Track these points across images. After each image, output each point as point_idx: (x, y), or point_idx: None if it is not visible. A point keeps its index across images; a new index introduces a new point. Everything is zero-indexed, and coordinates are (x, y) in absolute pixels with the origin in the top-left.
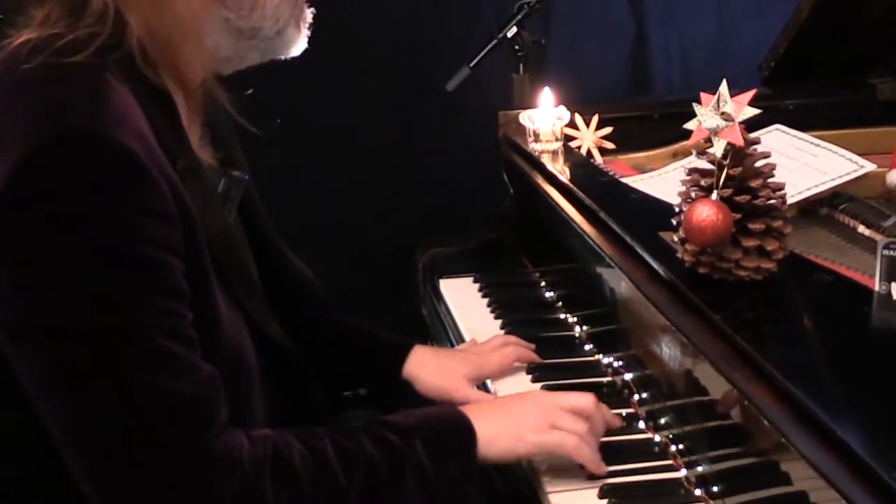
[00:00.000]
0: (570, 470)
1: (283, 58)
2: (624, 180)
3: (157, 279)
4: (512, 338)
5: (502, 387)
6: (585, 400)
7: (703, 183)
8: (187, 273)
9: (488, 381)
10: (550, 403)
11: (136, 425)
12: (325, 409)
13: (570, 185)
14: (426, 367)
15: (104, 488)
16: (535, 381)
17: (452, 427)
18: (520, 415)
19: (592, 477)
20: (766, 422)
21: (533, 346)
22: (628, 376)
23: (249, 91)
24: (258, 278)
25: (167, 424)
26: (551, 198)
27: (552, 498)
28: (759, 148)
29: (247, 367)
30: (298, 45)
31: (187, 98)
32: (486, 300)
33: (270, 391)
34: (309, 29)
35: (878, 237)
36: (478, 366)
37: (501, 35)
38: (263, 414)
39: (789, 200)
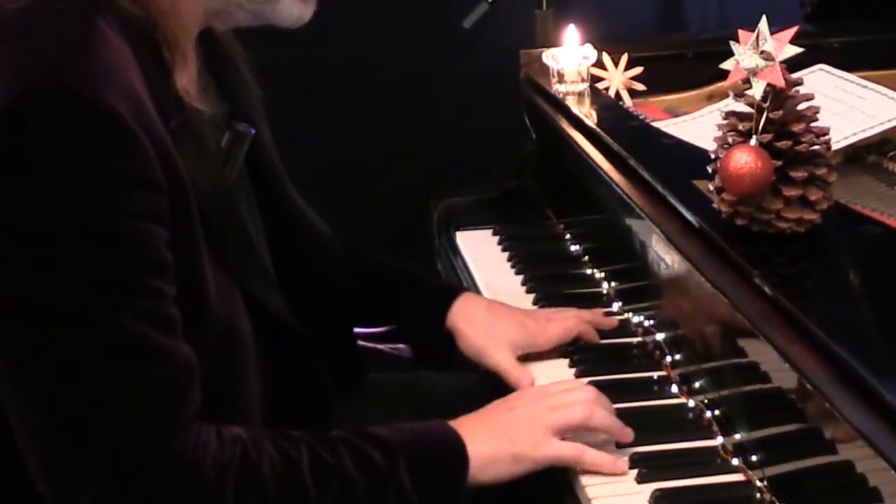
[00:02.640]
0: (598, 443)
1: (283, 25)
2: (655, 124)
3: (136, 254)
4: (586, 314)
5: (533, 367)
6: (581, 395)
7: (740, 127)
8: (172, 241)
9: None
10: (543, 408)
11: (93, 414)
12: (332, 393)
13: (598, 129)
14: (471, 321)
15: (52, 479)
16: (571, 366)
17: (442, 450)
18: (515, 431)
19: (620, 446)
20: (808, 385)
21: (614, 321)
22: (660, 336)
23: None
24: (264, 243)
25: (128, 416)
26: (577, 143)
27: (579, 471)
28: (802, 90)
29: (240, 341)
30: (295, 16)
31: (184, 48)
32: (506, 254)
33: (267, 369)
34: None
35: None
36: (531, 333)
37: None
38: (259, 395)
39: (834, 146)
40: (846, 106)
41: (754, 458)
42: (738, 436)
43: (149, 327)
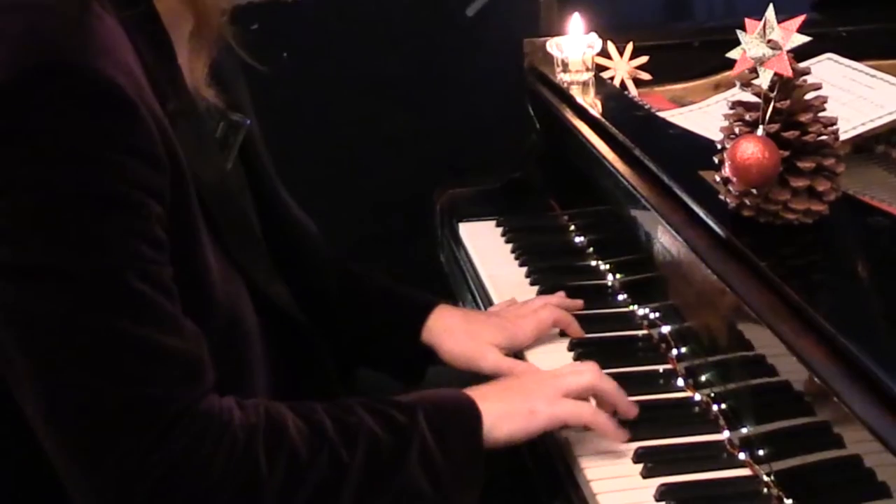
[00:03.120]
0: (603, 440)
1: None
2: (661, 114)
3: (134, 221)
4: (553, 297)
5: (538, 360)
6: (588, 366)
7: (747, 117)
8: (171, 224)
9: (526, 352)
10: (551, 374)
11: (113, 376)
12: (337, 384)
13: (602, 119)
14: (451, 331)
15: (76, 450)
16: (563, 334)
17: (455, 406)
18: (525, 391)
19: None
20: (816, 379)
21: (580, 303)
22: (666, 329)
23: (255, 26)
24: (261, 235)
25: (148, 375)
26: (581, 133)
27: (582, 462)
28: (809, 79)
29: (244, 333)
30: None
31: (202, 29)
32: (509, 245)
33: (274, 362)
34: None
35: None
36: (511, 333)
37: None
38: (265, 387)
39: (842, 136)
40: (854, 95)
41: (761, 452)
42: (744, 430)
43: (155, 291)
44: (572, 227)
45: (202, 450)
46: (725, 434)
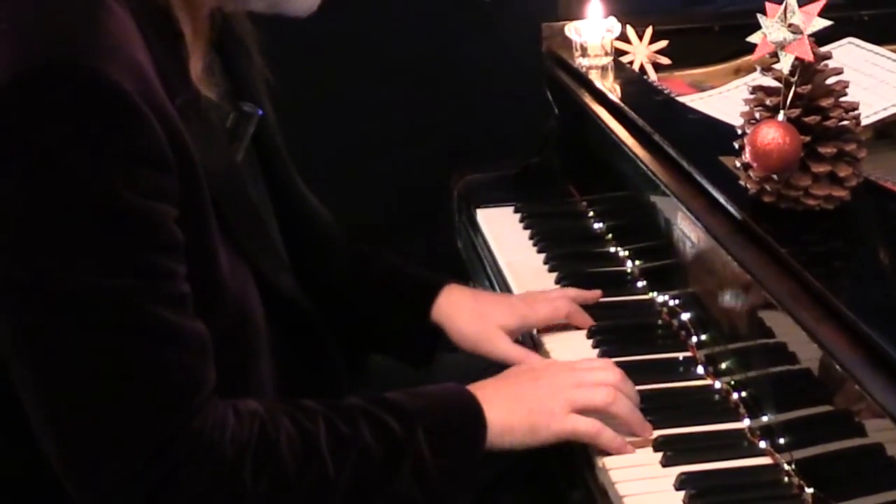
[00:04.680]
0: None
1: (294, 15)
2: (680, 99)
3: (145, 233)
4: (572, 291)
5: (556, 347)
6: (608, 377)
7: (768, 102)
8: (182, 220)
9: (543, 339)
10: (567, 383)
11: (110, 397)
12: (342, 373)
13: (622, 104)
14: (461, 311)
15: (71, 463)
16: (595, 346)
17: (461, 416)
18: (534, 401)
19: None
20: (837, 367)
21: (598, 293)
22: (685, 316)
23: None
24: (275, 225)
25: (145, 396)
26: (600, 118)
27: (603, 455)
28: (831, 63)
29: (252, 324)
30: (307, 6)
31: (194, 26)
32: (527, 232)
33: (280, 354)
34: None
35: None
36: (521, 314)
37: None
38: (271, 379)
39: (864, 121)
40: (876, 80)
41: (782, 440)
42: (765, 418)
43: (160, 306)
44: (591, 213)
45: (190, 469)
46: (746, 422)
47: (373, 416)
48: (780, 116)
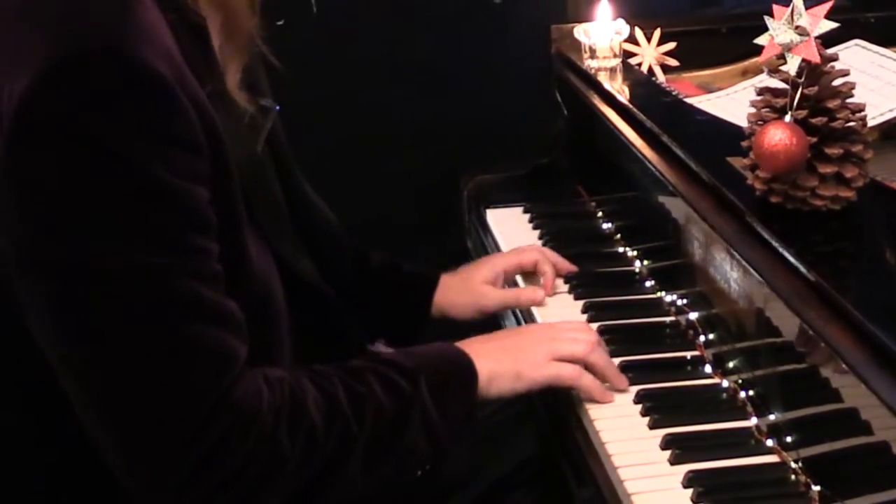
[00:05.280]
0: (630, 426)
1: None
2: (688, 100)
3: (182, 212)
4: (549, 251)
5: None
6: (585, 335)
7: (775, 103)
8: (214, 202)
9: (535, 312)
10: (549, 336)
11: (152, 372)
12: (357, 352)
13: (630, 105)
14: (452, 290)
15: (118, 440)
16: (591, 321)
17: (456, 369)
18: (518, 352)
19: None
20: (844, 366)
21: (573, 268)
22: (693, 316)
23: (280, 22)
24: (287, 217)
25: (185, 370)
26: (609, 120)
27: (610, 449)
28: (837, 65)
29: (275, 306)
30: None
31: (232, 25)
32: (536, 232)
33: (299, 335)
34: None
35: None
36: (491, 263)
37: None
38: (291, 359)
39: (870, 123)
40: (882, 82)
41: (789, 439)
42: (772, 417)
43: (196, 283)
44: (600, 214)
45: (236, 437)
46: (753, 421)
47: (381, 373)
48: (787, 118)
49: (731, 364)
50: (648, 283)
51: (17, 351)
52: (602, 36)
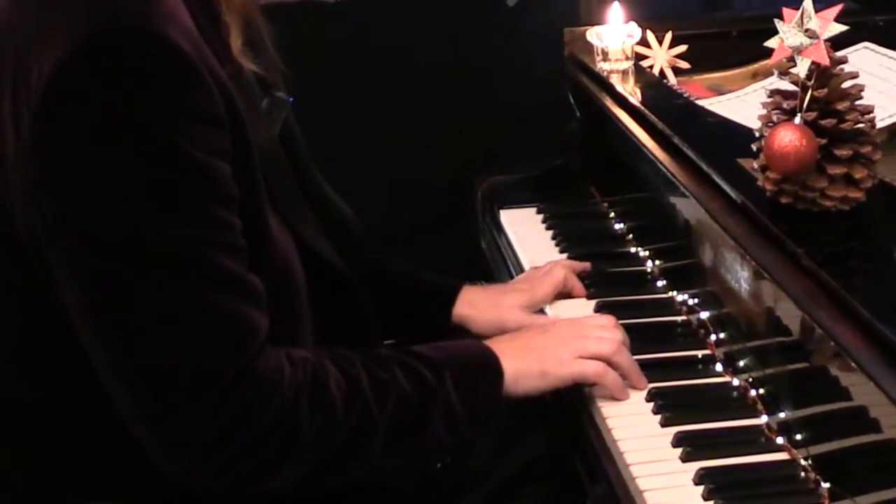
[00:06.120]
0: (643, 424)
1: None
2: (699, 103)
3: (207, 186)
4: (564, 261)
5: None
6: (611, 333)
7: (785, 105)
8: (235, 178)
9: (547, 309)
10: (574, 334)
11: (179, 342)
12: (377, 333)
13: (642, 107)
14: (477, 305)
15: (144, 409)
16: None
17: (481, 365)
18: (544, 350)
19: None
20: (853, 364)
21: (587, 264)
22: (704, 315)
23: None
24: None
25: (210, 338)
26: (621, 122)
27: (622, 446)
28: (846, 67)
29: (296, 284)
30: None
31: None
32: (550, 232)
33: (319, 313)
34: None
35: None
36: (529, 294)
37: None
38: (311, 337)
39: (879, 124)
40: (890, 84)
41: (799, 436)
42: (782, 414)
43: (221, 255)
44: (612, 214)
45: (257, 407)
46: (763, 418)
47: (406, 363)
48: (797, 119)
49: (741, 362)
50: (660, 283)
51: (47, 328)
52: (614, 39)
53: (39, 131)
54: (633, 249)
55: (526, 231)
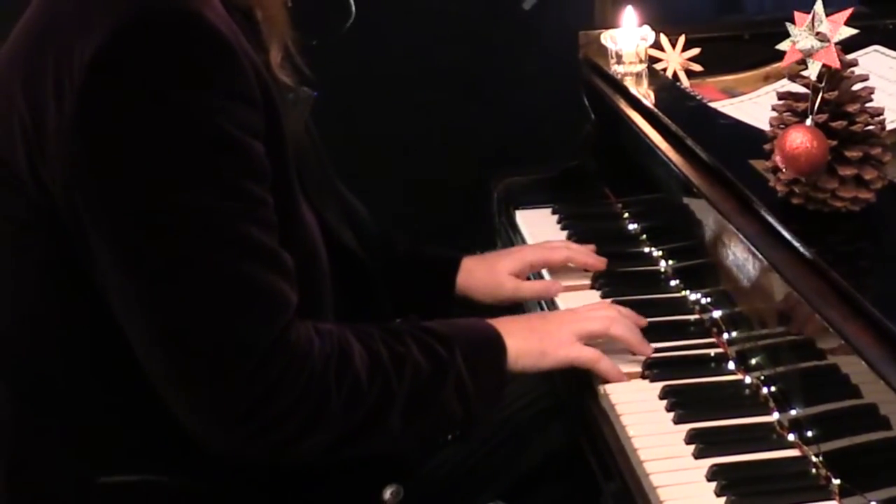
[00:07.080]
0: (656, 421)
1: None
2: (712, 105)
3: (243, 161)
4: (576, 246)
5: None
6: (604, 312)
7: (796, 108)
8: (268, 157)
9: (558, 300)
10: (572, 318)
11: (215, 312)
12: (391, 316)
13: (655, 109)
14: (475, 276)
15: (181, 378)
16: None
17: (487, 341)
18: (544, 332)
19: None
20: (863, 362)
21: (592, 247)
22: (717, 314)
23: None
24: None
25: (243, 308)
26: (635, 123)
27: (636, 443)
28: (857, 70)
29: (320, 264)
30: None
31: (268, 20)
32: (565, 232)
33: (340, 298)
34: None
35: None
36: (519, 256)
37: None
38: (332, 317)
39: (889, 126)
40: None
41: (810, 433)
42: (793, 412)
43: (255, 229)
44: (626, 215)
45: (291, 375)
46: (775, 416)
47: (419, 337)
48: (808, 121)
49: (753, 361)
50: (673, 283)
51: (84, 305)
52: (628, 42)
53: (82, 109)
54: (646, 249)
55: (541, 231)
